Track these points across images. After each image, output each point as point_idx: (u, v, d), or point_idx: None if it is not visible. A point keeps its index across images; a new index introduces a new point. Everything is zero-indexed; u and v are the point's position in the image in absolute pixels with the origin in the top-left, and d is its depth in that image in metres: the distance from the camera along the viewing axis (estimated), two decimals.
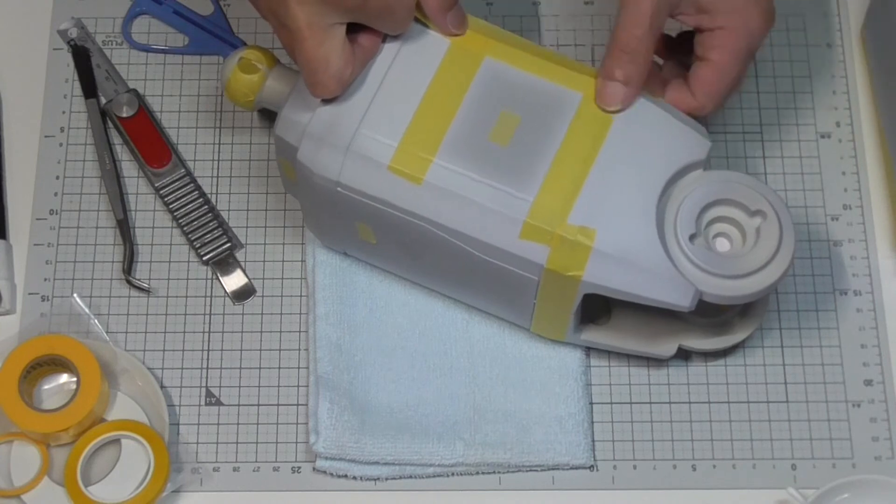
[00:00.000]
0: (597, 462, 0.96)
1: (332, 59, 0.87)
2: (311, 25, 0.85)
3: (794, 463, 0.96)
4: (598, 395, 0.98)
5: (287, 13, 0.85)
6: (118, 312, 1.00)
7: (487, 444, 0.95)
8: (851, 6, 1.10)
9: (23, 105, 1.06)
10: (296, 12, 0.85)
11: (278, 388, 0.98)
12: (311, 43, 0.86)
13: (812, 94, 1.06)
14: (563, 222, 0.87)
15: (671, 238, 0.88)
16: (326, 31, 0.86)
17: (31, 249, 1.02)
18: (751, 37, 0.90)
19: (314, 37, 0.86)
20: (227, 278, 1.01)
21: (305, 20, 0.85)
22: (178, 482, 0.94)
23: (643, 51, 0.88)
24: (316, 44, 0.86)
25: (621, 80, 0.89)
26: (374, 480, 0.95)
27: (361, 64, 0.89)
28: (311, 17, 0.85)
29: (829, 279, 1.01)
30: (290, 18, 0.85)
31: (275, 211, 1.03)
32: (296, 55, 0.87)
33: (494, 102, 0.90)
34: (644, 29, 0.88)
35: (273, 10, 0.86)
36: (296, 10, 0.85)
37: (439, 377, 0.97)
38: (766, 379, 0.98)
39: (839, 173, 1.04)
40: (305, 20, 0.85)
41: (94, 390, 0.94)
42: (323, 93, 0.88)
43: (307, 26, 0.85)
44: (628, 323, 0.96)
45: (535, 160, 0.89)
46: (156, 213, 1.03)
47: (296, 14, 0.85)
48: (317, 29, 0.86)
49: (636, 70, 0.89)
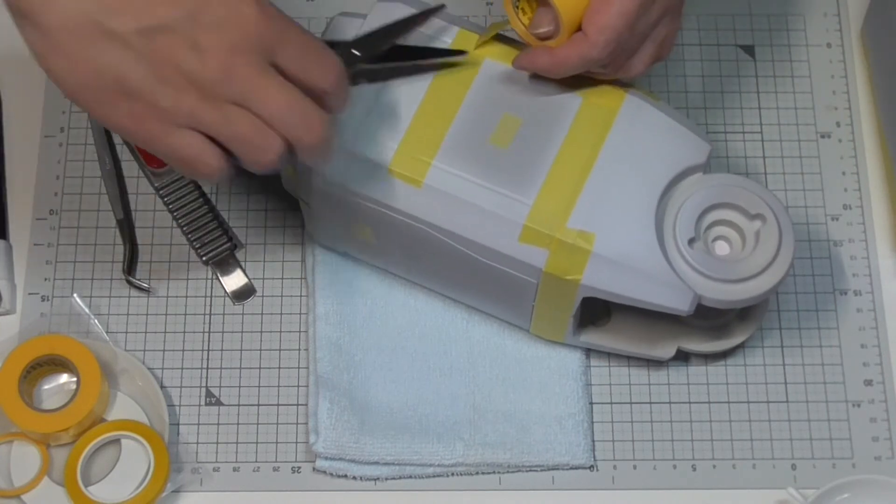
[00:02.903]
0: (597, 462, 0.96)
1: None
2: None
3: (794, 463, 0.96)
4: (598, 395, 0.98)
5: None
6: (118, 312, 1.00)
7: (487, 444, 0.95)
8: (851, 6, 1.09)
9: (23, 105, 1.06)
10: None
11: (278, 388, 0.98)
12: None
13: (812, 94, 1.06)
14: (562, 226, 0.87)
15: (670, 242, 0.88)
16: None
17: (31, 249, 1.02)
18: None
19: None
20: (227, 278, 1.01)
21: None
22: (178, 482, 0.94)
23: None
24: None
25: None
26: (374, 480, 0.95)
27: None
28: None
29: (829, 279, 1.01)
30: None
31: (275, 211, 1.03)
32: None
33: (495, 104, 0.90)
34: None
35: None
36: None
37: (439, 377, 0.97)
38: (766, 379, 0.98)
39: (839, 173, 1.04)
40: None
41: (94, 390, 0.94)
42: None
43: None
44: (627, 325, 0.96)
45: (535, 163, 0.89)
46: (156, 213, 1.03)
47: None
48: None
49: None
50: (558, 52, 0.87)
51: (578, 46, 0.86)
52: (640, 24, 0.86)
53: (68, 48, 0.75)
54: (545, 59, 0.88)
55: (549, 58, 0.87)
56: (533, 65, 0.89)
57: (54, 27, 0.74)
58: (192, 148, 0.77)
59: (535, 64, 0.88)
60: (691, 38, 1.08)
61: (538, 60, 0.88)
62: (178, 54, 0.75)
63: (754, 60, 1.07)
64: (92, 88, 0.76)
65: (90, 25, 0.74)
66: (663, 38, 0.89)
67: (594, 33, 0.85)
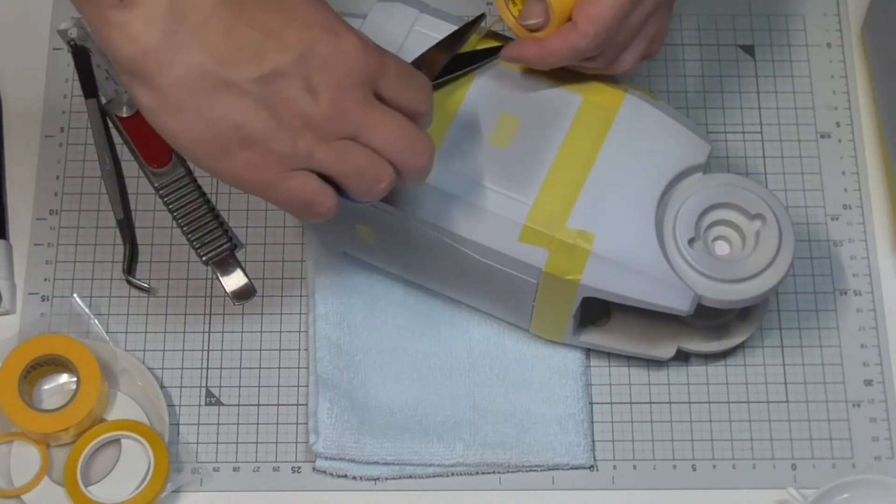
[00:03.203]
0: (597, 462, 0.96)
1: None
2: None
3: (794, 463, 0.96)
4: (598, 395, 0.98)
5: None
6: (118, 312, 1.00)
7: (487, 444, 0.95)
8: (851, 6, 1.09)
9: (23, 105, 1.06)
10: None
11: (278, 388, 0.98)
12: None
13: (812, 94, 1.06)
14: (562, 226, 0.87)
15: (670, 242, 0.88)
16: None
17: (31, 249, 1.02)
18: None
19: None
20: (227, 278, 1.01)
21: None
22: (178, 482, 0.94)
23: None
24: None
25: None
26: (374, 480, 0.95)
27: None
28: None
29: (829, 279, 1.01)
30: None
31: (275, 211, 1.03)
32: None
33: (495, 105, 0.90)
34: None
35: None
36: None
37: (439, 377, 0.97)
38: (766, 379, 0.98)
39: (839, 173, 1.04)
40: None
41: (94, 390, 0.94)
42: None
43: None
44: (627, 325, 0.96)
45: (535, 163, 0.89)
46: (156, 213, 1.03)
47: None
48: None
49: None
50: (547, 43, 0.87)
51: (567, 36, 0.86)
52: (632, 18, 0.86)
53: (186, 104, 0.75)
54: (533, 49, 0.87)
55: (538, 48, 0.87)
56: (521, 55, 0.88)
57: (170, 85, 0.75)
58: (308, 190, 0.78)
59: (523, 55, 0.88)
60: (691, 38, 1.08)
61: (526, 51, 0.88)
62: (294, 97, 0.76)
63: (754, 60, 1.07)
64: (209, 141, 0.76)
65: (207, 79, 0.75)
66: (654, 34, 0.89)
67: (584, 23, 0.85)
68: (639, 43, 0.88)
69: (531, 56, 0.88)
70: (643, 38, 0.88)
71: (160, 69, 0.74)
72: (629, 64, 0.89)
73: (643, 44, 0.89)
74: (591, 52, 0.86)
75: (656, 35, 0.89)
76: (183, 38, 0.74)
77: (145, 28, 0.74)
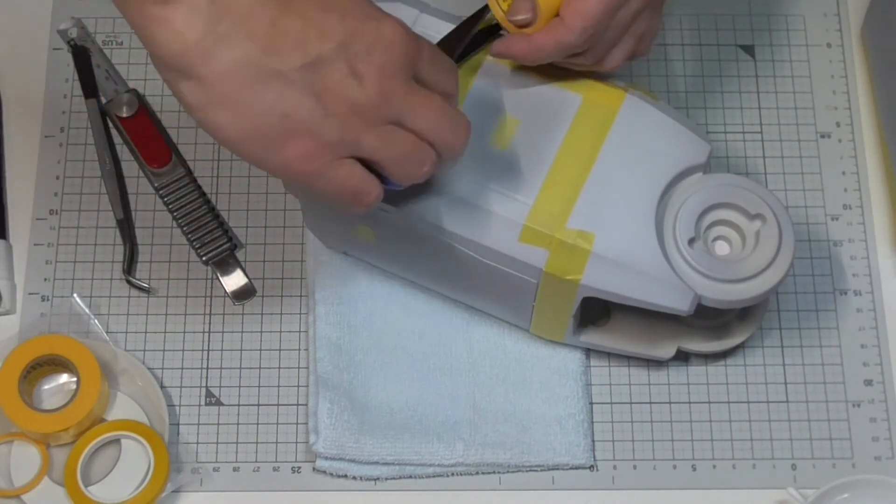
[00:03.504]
0: (597, 462, 0.96)
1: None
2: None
3: (794, 463, 0.96)
4: (598, 395, 0.98)
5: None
6: (118, 312, 1.00)
7: (487, 444, 0.95)
8: (851, 6, 1.09)
9: (23, 105, 1.06)
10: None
11: (278, 388, 0.98)
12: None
13: (812, 94, 1.06)
14: (562, 226, 0.87)
15: (670, 242, 0.88)
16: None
17: (31, 249, 1.02)
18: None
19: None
20: (227, 278, 1.01)
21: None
22: (178, 482, 0.94)
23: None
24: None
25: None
26: (374, 480, 0.95)
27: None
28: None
29: (829, 279, 1.01)
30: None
31: (275, 211, 1.03)
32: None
33: (495, 105, 0.90)
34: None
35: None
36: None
37: (439, 377, 0.97)
38: (766, 379, 0.98)
39: (839, 173, 1.04)
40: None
41: (94, 390, 0.94)
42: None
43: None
44: (627, 325, 0.96)
45: (535, 163, 0.89)
46: (156, 213, 1.03)
47: None
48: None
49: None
50: (534, 38, 0.87)
51: (555, 32, 0.86)
52: (620, 14, 0.86)
53: (233, 95, 0.75)
54: (521, 45, 0.88)
55: (526, 44, 0.87)
56: (509, 51, 0.88)
57: (216, 77, 0.74)
58: (355, 178, 0.78)
59: (511, 50, 0.88)
60: (691, 38, 1.08)
61: (514, 47, 0.88)
62: (340, 83, 0.76)
63: (754, 60, 1.07)
64: (258, 133, 0.76)
65: (252, 69, 0.74)
66: (643, 32, 0.89)
67: (571, 19, 0.85)
68: (627, 40, 0.89)
69: (519, 51, 0.88)
70: (632, 35, 0.88)
71: (205, 62, 0.74)
72: (617, 61, 0.89)
73: (632, 41, 0.89)
74: (578, 47, 0.86)
75: (645, 33, 0.89)
76: (226, 30, 0.74)
77: (188, 22, 0.73)
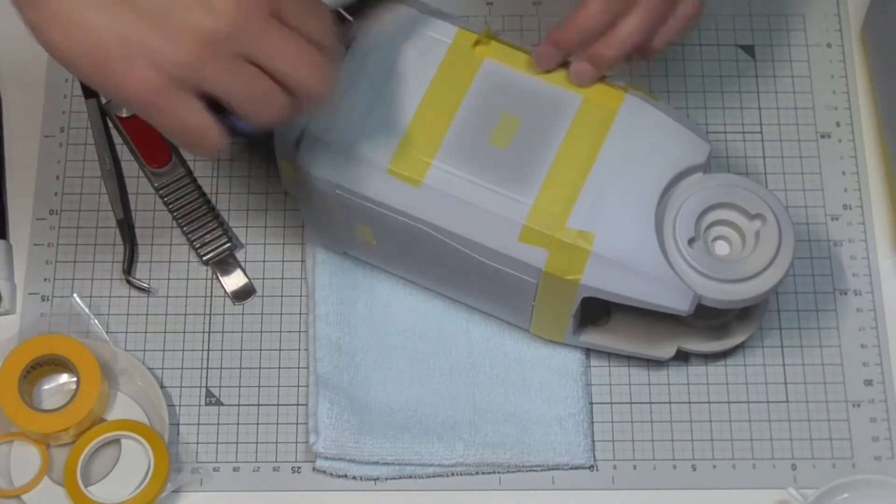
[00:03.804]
0: (597, 462, 0.96)
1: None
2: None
3: (794, 463, 0.96)
4: (598, 395, 0.98)
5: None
6: (118, 312, 1.00)
7: (487, 444, 0.95)
8: (851, 6, 1.09)
9: (23, 105, 1.06)
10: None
11: (278, 388, 0.98)
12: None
13: (812, 94, 1.06)
14: (562, 226, 0.87)
15: (670, 242, 0.88)
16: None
17: (31, 249, 1.02)
18: None
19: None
20: (227, 278, 1.01)
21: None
22: (178, 482, 0.94)
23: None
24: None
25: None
26: (374, 480, 0.95)
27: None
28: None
29: (829, 279, 1.01)
30: None
31: (275, 211, 1.03)
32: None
33: (495, 104, 0.90)
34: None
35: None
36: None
37: (439, 377, 0.97)
38: (766, 379, 0.98)
39: (839, 173, 1.04)
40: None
41: (94, 390, 0.94)
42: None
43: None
44: (627, 325, 0.96)
45: (534, 163, 0.89)
46: (156, 213, 1.03)
47: None
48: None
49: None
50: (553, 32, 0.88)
51: None
52: None
53: (71, 16, 0.73)
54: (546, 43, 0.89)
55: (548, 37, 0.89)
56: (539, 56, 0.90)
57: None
58: (195, 116, 0.76)
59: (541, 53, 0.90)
60: (691, 38, 1.08)
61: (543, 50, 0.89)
62: (188, 10, 0.73)
63: (754, 60, 1.07)
64: (95, 53, 0.74)
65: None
66: (690, 13, 0.90)
67: None
68: (675, 21, 0.89)
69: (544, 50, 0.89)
70: (681, 15, 0.89)
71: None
72: (659, 46, 0.90)
73: (680, 21, 0.90)
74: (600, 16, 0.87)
75: (692, 14, 0.90)
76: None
77: None
